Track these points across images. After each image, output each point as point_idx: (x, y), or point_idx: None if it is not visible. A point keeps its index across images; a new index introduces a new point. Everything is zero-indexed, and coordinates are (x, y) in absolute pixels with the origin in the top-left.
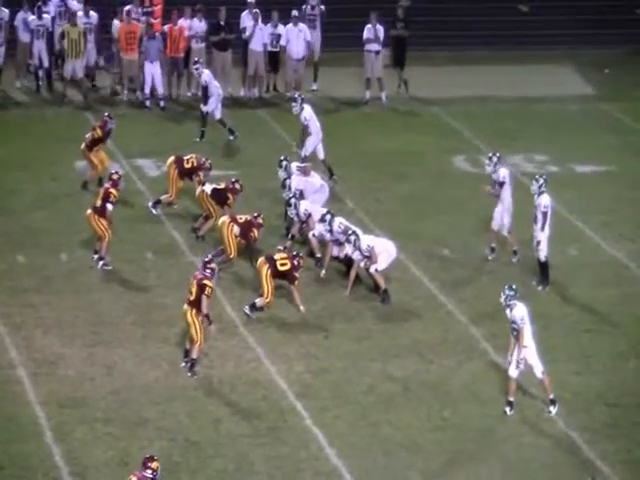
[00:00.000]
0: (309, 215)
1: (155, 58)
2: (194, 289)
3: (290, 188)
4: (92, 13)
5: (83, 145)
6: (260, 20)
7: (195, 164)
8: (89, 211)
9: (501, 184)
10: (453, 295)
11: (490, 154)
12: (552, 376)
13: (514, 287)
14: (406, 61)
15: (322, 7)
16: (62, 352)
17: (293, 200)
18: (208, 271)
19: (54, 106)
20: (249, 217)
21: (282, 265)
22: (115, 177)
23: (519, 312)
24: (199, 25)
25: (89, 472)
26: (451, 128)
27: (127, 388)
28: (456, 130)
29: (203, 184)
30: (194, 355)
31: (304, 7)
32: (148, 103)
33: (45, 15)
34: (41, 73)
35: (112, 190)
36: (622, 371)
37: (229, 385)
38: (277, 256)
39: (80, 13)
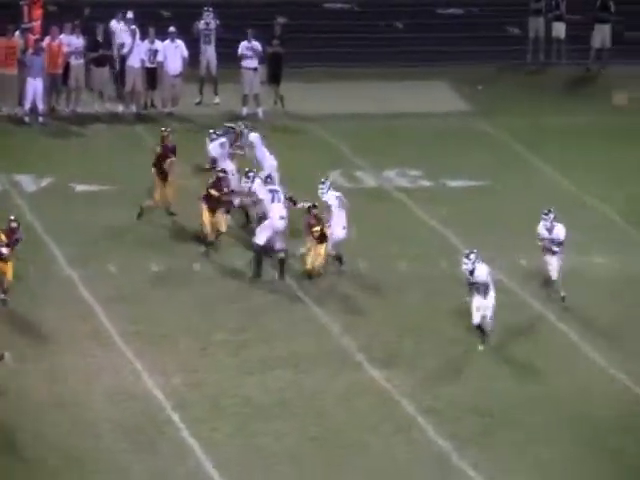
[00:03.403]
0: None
1: (38, 74)
2: None
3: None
4: None
5: None
6: (138, 36)
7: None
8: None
9: (560, 243)
10: (326, 307)
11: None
12: (424, 386)
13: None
14: (282, 77)
15: (217, 22)
16: None
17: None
18: None
19: None
20: None
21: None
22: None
23: (483, 271)
24: (77, 41)
25: None
26: (327, 143)
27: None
28: (332, 145)
29: None
30: None
31: (197, 23)
32: (27, 119)
33: None
34: None
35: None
36: (493, 382)
37: (108, 399)
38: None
39: None
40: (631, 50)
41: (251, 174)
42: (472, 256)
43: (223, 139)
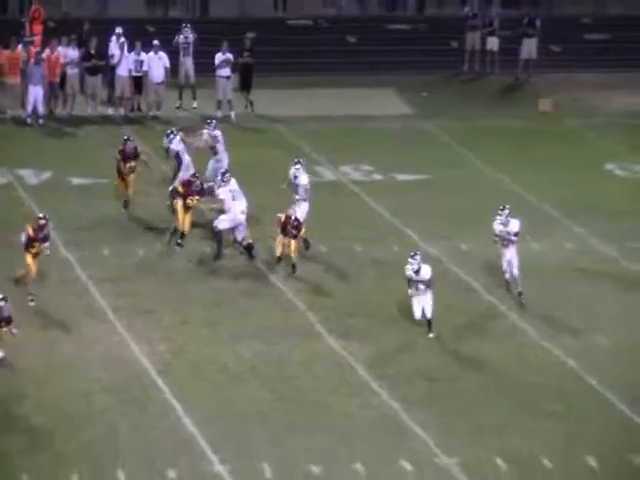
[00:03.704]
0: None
1: (39, 81)
2: None
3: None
4: None
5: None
6: (126, 49)
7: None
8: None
9: (516, 234)
10: (291, 286)
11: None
12: (377, 354)
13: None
14: (252, 85)
15: (195, 36)
16: None
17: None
18: None
19: None
20: None
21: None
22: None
23: (427, 270)
24: (73, 53)
25: None
26: (290, 142)
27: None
28: (295, 143)
29: None
30: None
31: (177, 37)
32: (29, 121)
33: None
34: None
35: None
36: (438, 352)
37: (100, 365)
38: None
39: None
40: (555, 61)
41: (227, 175)
42: (417, 257)
43: (179, 136)
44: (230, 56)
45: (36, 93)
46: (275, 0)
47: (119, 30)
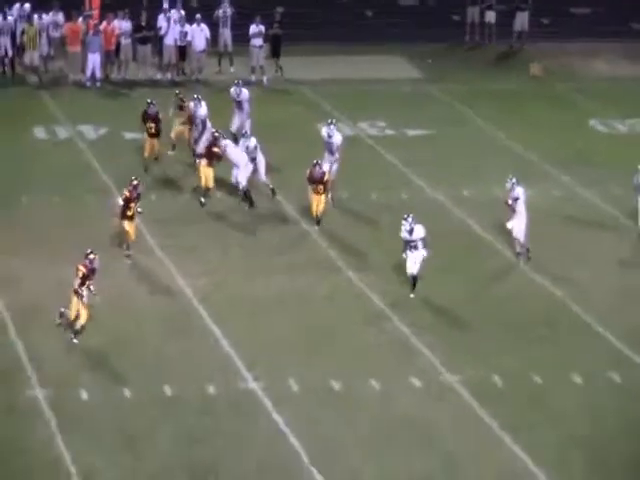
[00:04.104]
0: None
1: (96, 50)
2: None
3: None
4: (44, 15)
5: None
6: (172, 21)
7: None
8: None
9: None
10: (317, 228)
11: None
12: (389, 286)
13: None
14: (281, 53)
15: (232, 10)
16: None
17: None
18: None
19: (17, 86)
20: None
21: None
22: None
23: (420, 230)
24: (126, 25)
25: (44, 359)
26: (315, 102)
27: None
28: (318, 104)
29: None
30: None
31: (217, 11)
32: (88, 84)
33: (9, 17)
34: (6, 61)
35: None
36: (442, 286)
37: (149, 295)
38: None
39: (35, 15)
40: (544, 32)
41: (247, 133)
42: (410, 218)
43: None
44: (262, 28)
45: (94, 60)
46: None
47: (166, 5)
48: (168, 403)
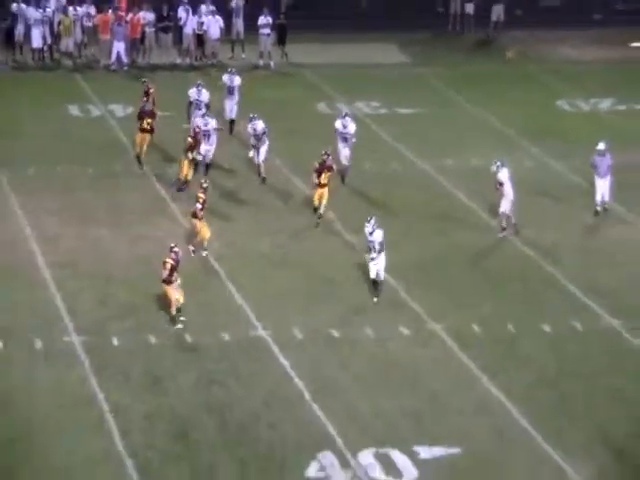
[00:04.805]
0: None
1: (121, 38)
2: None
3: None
4: (78, 8)
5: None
6: (190, 12)
7: None
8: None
9: (501, 183)
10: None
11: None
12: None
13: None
14: (286, 40)
15: (244, 2)
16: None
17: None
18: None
19: (54, 69)
20: None
21: None
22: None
23: (379, 234)
24: (150, 15)
25: (81, 310)
26: (316, 83)
27: (106, 260)
28: (319, 85)
29: None
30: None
31: (230, 3)
32: (113, 67)
33: (48, 9)
34: (46, 48)
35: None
36: (432, 243)
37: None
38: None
39: (70, 7)
40: (517, 22)
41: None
42: (372, 221)
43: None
44: (270, 18)
45: (119, 47)
46: None
47: None
48: (189, 349)
